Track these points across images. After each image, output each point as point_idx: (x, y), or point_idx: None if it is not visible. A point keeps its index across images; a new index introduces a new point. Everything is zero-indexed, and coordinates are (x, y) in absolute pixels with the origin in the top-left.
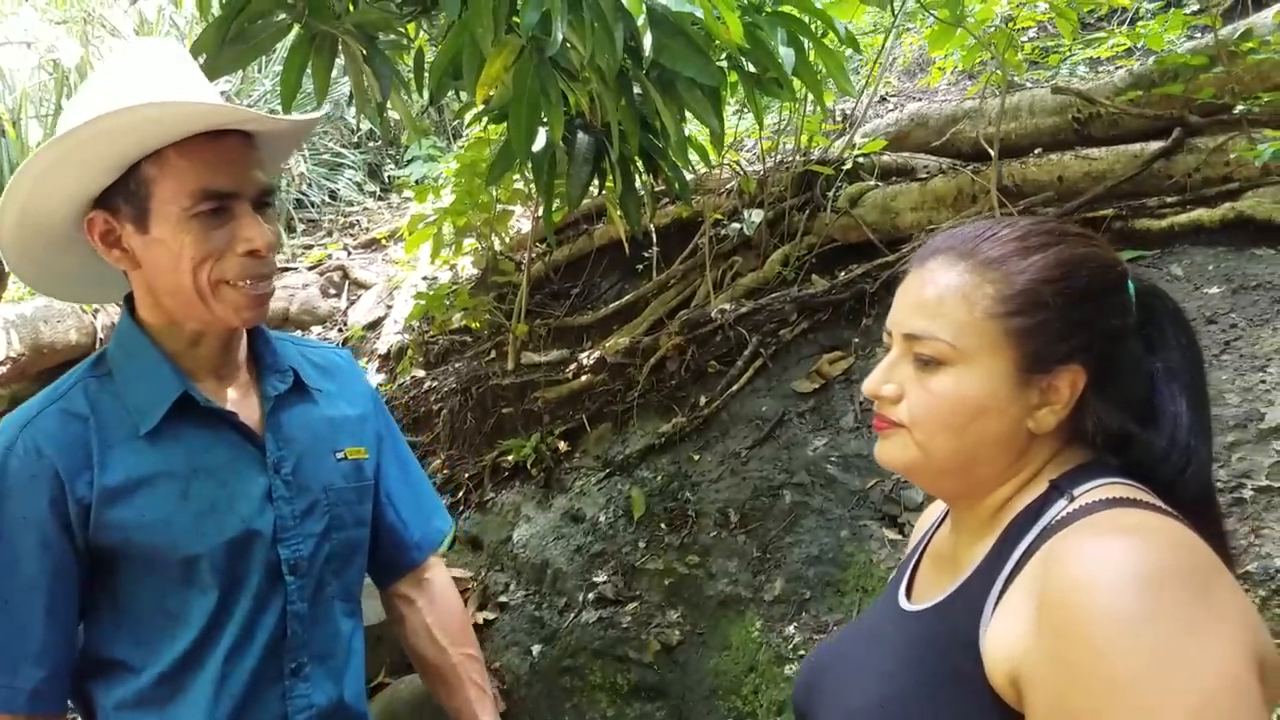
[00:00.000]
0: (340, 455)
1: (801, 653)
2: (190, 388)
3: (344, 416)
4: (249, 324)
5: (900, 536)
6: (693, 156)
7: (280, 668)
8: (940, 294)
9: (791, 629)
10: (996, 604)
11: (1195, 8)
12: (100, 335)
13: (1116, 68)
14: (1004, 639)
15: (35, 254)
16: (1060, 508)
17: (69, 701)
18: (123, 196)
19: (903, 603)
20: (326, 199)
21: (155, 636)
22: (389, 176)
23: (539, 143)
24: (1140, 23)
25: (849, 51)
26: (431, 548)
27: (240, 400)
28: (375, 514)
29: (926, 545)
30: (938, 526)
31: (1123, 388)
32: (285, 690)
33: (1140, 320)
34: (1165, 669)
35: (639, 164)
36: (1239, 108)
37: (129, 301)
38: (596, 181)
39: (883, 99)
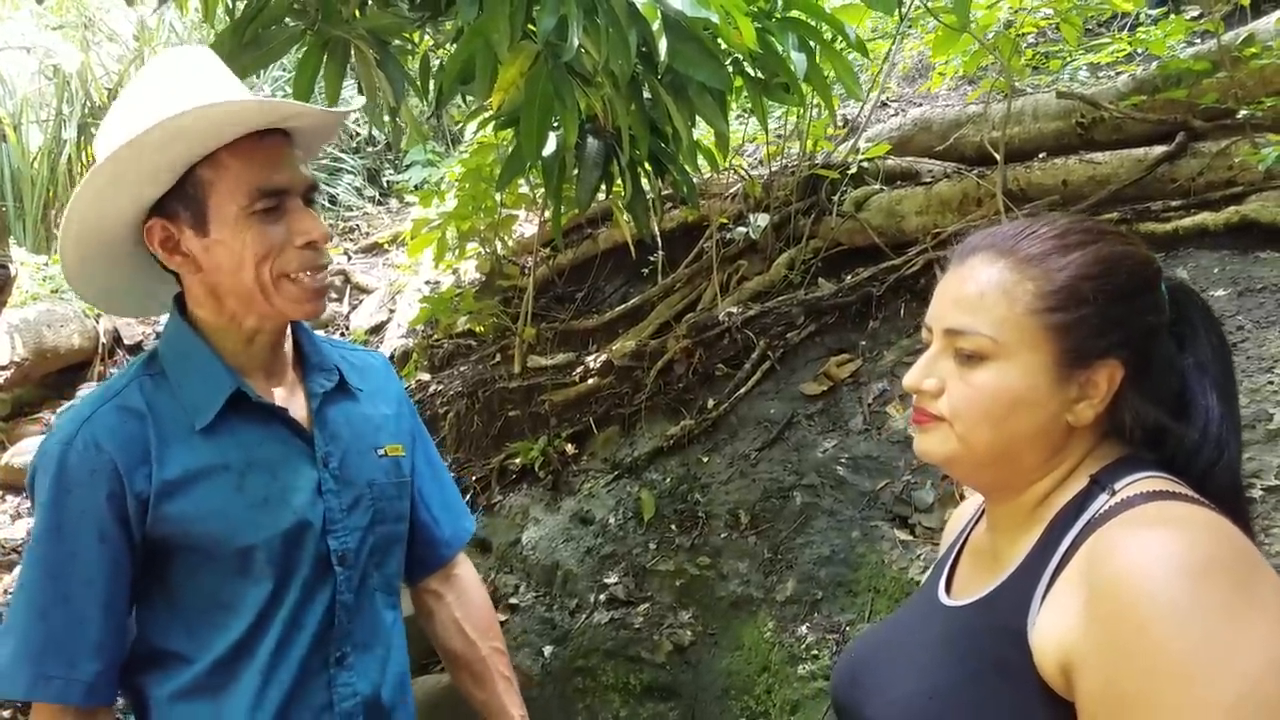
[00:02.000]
0: (381, 452)
1: (815, 653)
2: (243, 384)
3: (382, 415)
4: (310, 316)
5: (911, 537)
6: (699, 161)
7: (326, 657)
8: (981, 290)
9: (804, 629)
10: (1044, 597)
11: (1196, 12)
12: (103, 340)
13: (1117, 73)
14: (1054, 630)
15: (91, 270)
16: (1102, 502)
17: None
18: (180, 202)
19: (943, 598)
20: (326, 204)
21: (208, 627)
22: (388, 181)
23: (549, 147)
24: (1141, 28)
25: (853, 56)
26: (460, 545)
27: (288, 397)
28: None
29: (964, 542)
30: (974, 524)
31: (1157, 383)
32: (331, 679)
33: (1173, 317)
34: (1212, 655)
35: (648, 168)
36: (1242, 112)
37: (178, 303)
38: (604, 185)
39: (884, 104)
